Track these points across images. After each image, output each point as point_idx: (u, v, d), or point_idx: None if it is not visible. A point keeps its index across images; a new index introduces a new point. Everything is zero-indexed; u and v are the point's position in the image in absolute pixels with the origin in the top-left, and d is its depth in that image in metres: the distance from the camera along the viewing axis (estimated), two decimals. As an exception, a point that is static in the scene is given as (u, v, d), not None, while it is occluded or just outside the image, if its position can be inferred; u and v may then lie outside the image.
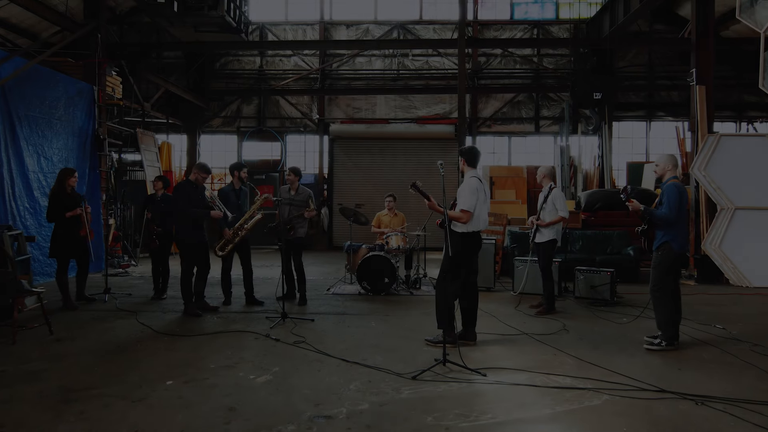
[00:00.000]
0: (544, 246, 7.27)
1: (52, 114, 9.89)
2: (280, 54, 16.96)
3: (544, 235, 7.27)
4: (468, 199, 5.44)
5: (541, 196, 7.42)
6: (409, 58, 16.71)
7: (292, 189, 7.86)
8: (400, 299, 8.19)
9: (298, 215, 7.69)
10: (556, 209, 7.27)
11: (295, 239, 7.77)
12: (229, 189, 7.65)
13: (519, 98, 16.66)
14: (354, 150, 16.66)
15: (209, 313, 7.09)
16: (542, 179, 7.42)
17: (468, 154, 5.75)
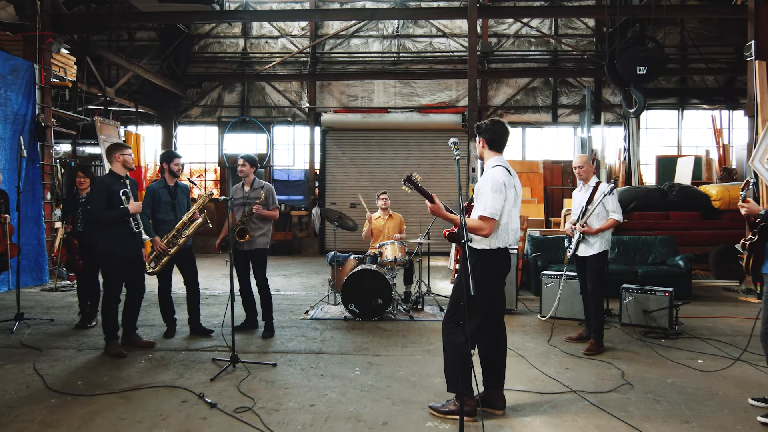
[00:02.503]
0: (594, 260, 5.45)
1: (-26, 95, 8.11)
2: (265, 35, 15.14)
3: (593, 245, 5.46)
4: (490, 201, 3.60)
5: (582, 195, 5.60)
6: (411, 39, 14.88)
7: (246, 184, 6.07)
8: (396, 327, 6.37)
9: (249, 216, 5.91)
10: (606, 211, 5.47)
11: (253, 251, 5.98)
12: (158, 186, 5.86)
13: (534, 84, 14.81)
14: (348, 142, 14.85)
15: (140, 351, 5.29)
16: (586, 172, 5.58)
17: (490, 131, 3.83)
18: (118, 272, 5.22)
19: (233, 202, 6.01)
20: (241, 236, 5.84)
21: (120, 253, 5.17)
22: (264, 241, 6.04)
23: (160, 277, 5.80)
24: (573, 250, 5.54)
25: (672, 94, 14.69)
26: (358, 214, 13.97)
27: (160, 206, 5.74)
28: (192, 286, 5.91)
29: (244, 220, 5.88)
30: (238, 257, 5.99)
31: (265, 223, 6.04)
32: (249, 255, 6.02)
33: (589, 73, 14.46)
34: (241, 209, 5.98)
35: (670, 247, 8.85)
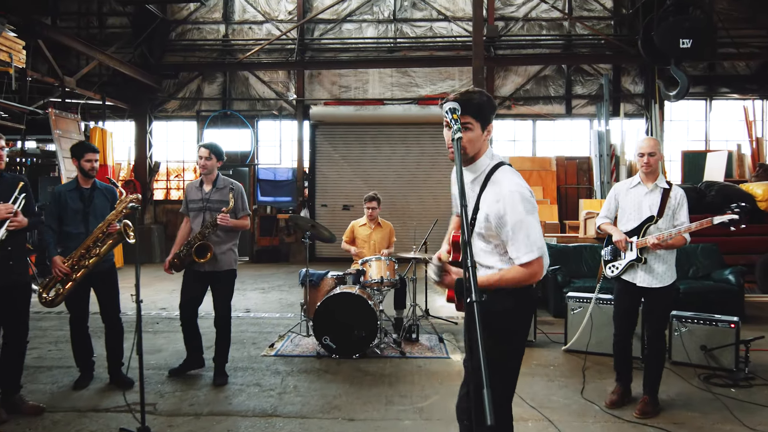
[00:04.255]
0: (662, 296, 4.00)
1: None
2: (249, 20, 13.72)
3: (661, 273, 3.99)
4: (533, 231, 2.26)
5: (648, 197, 4.04)
6: (409, 23, 13.45)
7: (206, 182, 4.65)
8: (382, 368, 4.96)
9: (213, 227, 4.45)
10: (674, 226, 4.01)
11: (218, 273, 4.56)
12: (66, 189, 4.48)
13: (546, 72, 13.36)
14: (340, 138, 13.43)
15: (24, 420, 3.89)
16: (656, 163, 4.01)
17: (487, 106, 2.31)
18: None
19: (188, 206, 4.60)
20: (201, 255, 4.40)
21: None
22: (231, 259, 4.61)
23: (71, 307, 4.43)
24: (620, 271, 4.09)
25: (699, 82, 13.19)
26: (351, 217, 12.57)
27: (68, 215, 4.37)
28: (110, 320, 4.53)
29: (205, 233, 4.43)
30: (194, 279, 4.57)
31: (232, 236, 4.63)
32: (210, 278, 4.59)
33: (606, 59, 13.00)
34: (200, 216, 4.55)
35: (714, 258, 7.43)
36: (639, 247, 3.96)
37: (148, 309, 7.38)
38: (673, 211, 3.98)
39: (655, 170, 4.03)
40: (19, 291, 3.97)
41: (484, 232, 2.31)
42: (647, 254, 3.97)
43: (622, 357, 4.18)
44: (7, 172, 4.07)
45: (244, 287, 9.42)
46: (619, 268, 4.06)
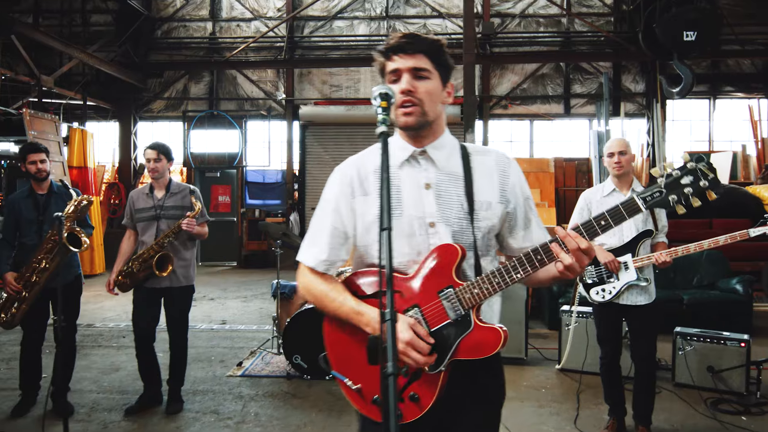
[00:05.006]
0: (649, 313, 3.57)
1: None
2: (237, 18, 13.29)
3: (646, 289, 3.56)
4: None
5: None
6: (402, 20, 13.01)
7: (157, 188, 4.18)
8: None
9: (174, 235, 3.97)
10: (655, 230, 3.59)
11: (174, 289, 4.06)
12: (20, 197, 4.05)
13: (544, 70, 12.90)
14: (331, 139, 12.98)
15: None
16: (628, 164, 3.57)
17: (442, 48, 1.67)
18: None
19: (135, 216, 4.13)
20: (162, 267, 3.92)
21: None
22: (188, 274, 4.11)
23: (25, 326, 3.99)
24: (614, 295, 3.61)
25: (702, 80, 12.72)
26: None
27: (23, 225, 3.93)
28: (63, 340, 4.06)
29: (163, 243, 3.93)
30: (147, 297, 4.05)
31: (190, 247, 4.16)
32: (166, 295, 4.07)
33: (606, 57, 12.56)
34: (153, 226, 4.05)
35: (720, 266, 6.99)
36: (638, 266, 3.50)
37: (117, 321, 6.94)
38: (657, 218, 3.55)
39: (628, 173, 3.59)
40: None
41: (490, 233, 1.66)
42: (643, 272, 3.52)
43: (611, 382, 3.72)
44: None
45: (226, 295, 8.99)
46: (613, 292, 3.54)
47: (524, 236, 1.72)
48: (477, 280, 1.53)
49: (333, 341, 1.70)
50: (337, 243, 1.67)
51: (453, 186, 1.64)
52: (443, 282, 1.55)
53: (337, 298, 1.62)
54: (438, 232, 1.59)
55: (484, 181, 1.66)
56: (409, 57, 1.61)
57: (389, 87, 1.47)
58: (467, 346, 1.52)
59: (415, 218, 1.61)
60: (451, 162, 1.67)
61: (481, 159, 1.69)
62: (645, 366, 3.56)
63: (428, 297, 1.56)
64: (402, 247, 1.59)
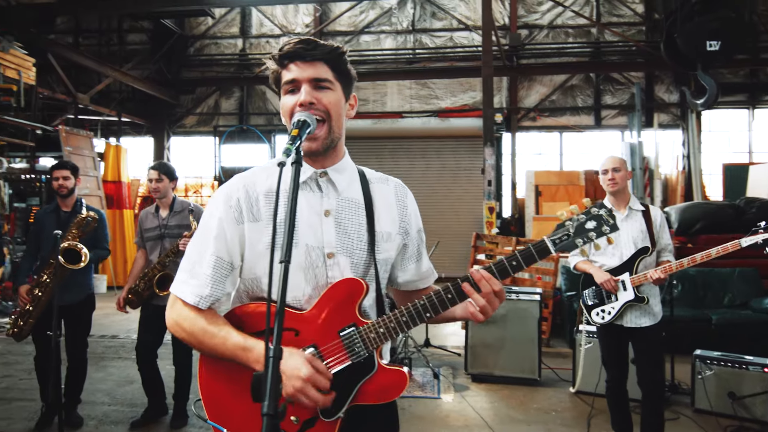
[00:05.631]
0: (653, 334, 3.43)
1: None
2: (266, 34, 13.55)
3: (650, 310, 3.43)
4: None
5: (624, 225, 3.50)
6: (429, 34, 13.02)
7: (162, 207, 4.25)
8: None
9: (174, 255, 4.04)
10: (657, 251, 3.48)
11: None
12: (45, 212, 4.21)
13: (573, 81, 12.68)
14: (358, 152, 12.94)
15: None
16: (622, 180, 3.48)
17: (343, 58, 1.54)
18: None
19: (144, 236, 4.23)
20: (163, 287, 3.99)
21: None
22: None
23: (37, 341, 4.08)
24: (613, 316, 3.48)
25: (740, 89, 12.28)
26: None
27: (44, 240, 4.05)
28: (71, 356, 4.14)
29: (165, 262, 4.01)
30: (153, 314, 4.09)
31: None
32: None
33: (638, 67, 12.25)
34: (158, 246, 4.13)
35: (753, 284, 6.70)
36: (636, 284, 3.37)
37: None
38: (657, 235, 3.41)
39: (624, 190, 3.51)
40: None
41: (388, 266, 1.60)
42: (642, 291, 3.39)
43: (618, 406, 3.58)
44: None
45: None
46: (612, 312, 3.44)
47: (415, 269, 1.67)
48: (383, 319, 1.43)
49: (210, 385, 1.48)
50: (222, 275, 1.46)
51: (354, 214, 1.53)
52: (345, 320, 1.44)
53: (218, 334, 1.39)
54: (338, 264, 1.48)
55: (384, 211, 1.57)
56: (308, 65, 1.45)
57: (310, 116, 1.39)
58: (370, 390, 1.43)
59: (312, 248, 1.47)
60: (352, 188, 1.56)
61: (380, 187, 1.62)
62: (652, 390, 3.40)
63: (328, 336, 1.43)
64: (298, 280, 1.46)
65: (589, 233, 1.46)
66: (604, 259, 3.51)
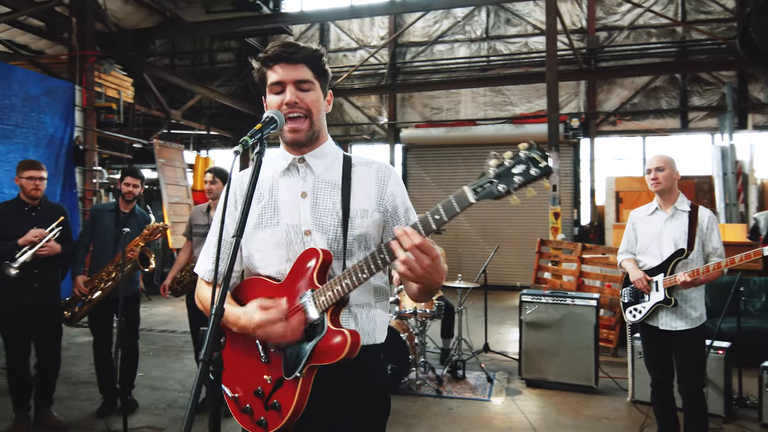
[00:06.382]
0: (693, 338, 3.31)
1: (0, 118, 7.67)
2: (343, 48, 14.05)
3: (691, 312, 3.32)
4: None
5: (666, 224, 3.39)
6: (503, 41, 12.95)
7: (213, 207, 4.55)
8: (410, 407, 4.57)
9: None
10: (706, 254, 3.35)
11: None
12: (104, 208, 4.66)
13: (656, 83, 12.12)
14: (431, 160, 13.21)
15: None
16: (667, 180, 3.38)
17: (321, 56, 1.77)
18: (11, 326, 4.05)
19: (192, 230, 4.62)
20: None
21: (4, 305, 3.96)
22: None
23: (94, 331, 4.55)
24: (643, 315, 3.41)
25: None
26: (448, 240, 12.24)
27: (99, 235, 4.51)
28: (126, 344, 4.56)
29: None
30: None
31: None
32: None
33: (729, 65, 11.51)
34: (203, 241, 4.51)
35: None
36: (667, 286, 3.28)
37: None
38: (703, 239, 3.28)
39: (670, 190, 3.40)
40: (45, 311, 4.12)
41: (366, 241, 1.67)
42: (677, 294, 3.28)
43: (662, 412, 3.47)
44: (50, 202, 4.36)
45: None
46: (642, 312, 3.40)
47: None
48: (330, 282, 1.53)
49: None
50: (225, 254, 1.63)
51: (329, 194, 1.67)
52: (306, 286, 1.57)
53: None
54: (314, 240, 1.62)
55: (361, 190, 1.68)
56: (292, 67, 1.62)
57: (278, 113, 1.57)
58: (323, 350, 1.52)
59: (291, 227, 1.64)
60: (330, 170, 1.70)
61: (362, 169, 1.73)
62: (692, 398, 3.26)
63: (293, 302, 1.57)
64: (280, 255, 1.64)
65: (515, 178, 1.32)
66: (647, 258, 3.47)
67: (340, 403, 1.62)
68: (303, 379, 1.53)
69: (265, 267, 1.67)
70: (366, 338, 1.63)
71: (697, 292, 3.36)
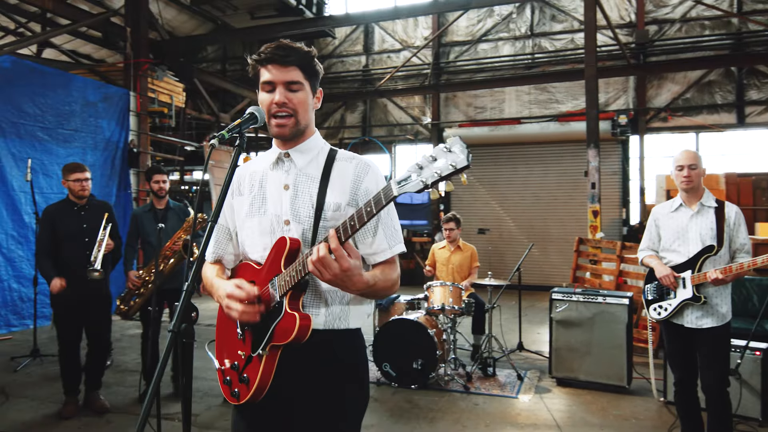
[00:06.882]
0: (719, 336, 3.25)
1: (61, 123, 8.20)
2: (387, 50, 14.20)
3: (716, 310, 3.25)
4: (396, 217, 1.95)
5: (692, 220, 3.34)
6: (548, 37, 12.76)
7: None
8: (436, 402, 4.63)
9: None
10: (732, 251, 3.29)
11: None
12: (142, 211, 4.96)
13: (710, 77, 11.65)
14: (475, 160, 12.55)
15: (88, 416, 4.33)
16: (697, 178, 3.35)
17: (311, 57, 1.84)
18: (61, 318, 4.38)
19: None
20: None
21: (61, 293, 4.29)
22: None
23: (144, 323, 4.83)
24: (669, 313, 3.34)
25: None
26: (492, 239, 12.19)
27: (144, 234, 4.82)
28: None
29: None
30: None
31: None
32: None
33: (791, 55, 10.95)
34: None
35: None
36: (696, 283, 3.21)
37: None
38: (730, 235, 3.19)
39: (698, 187, 3.32)
40: (96, 302, 4.44)
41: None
42: (704, 291, 3.21)
43: (686, 412, 3.41)
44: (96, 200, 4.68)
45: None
46: (668, 309, 3.33)
47: (371, 243, 1.76)
48: (288, 269, 1.63)
49: (217, 325, 1.89)
50: (224, 238, 1.89)
51: (308, 187, 1.76)
52: (274, 272, 1.69)
53: (208, 276, 1.86)
54: (291, 229, 1.73)
55: (337, 184, 1.76)
56: (283, 69, 1.72)
57: (260, 110, 1.69)
58: (278, 332, 1.62)
59: (274, 216, 1.76)
60: (312, 164, 1.80)
61: (342, 164, 1.81)
62: (717, 397, 3.19)
63: (263, 285, 1.70)
64: (265, 242, 1.76)
65: (434, 172, 1.34)
66: (671, 255, 3.41)
67: (305, 381, 1.72)
68: (266, 356, 1.64)
69: (253, 252, 1.81)
70: (336, 322, 1.74)
71: (725, 289, 3.30)
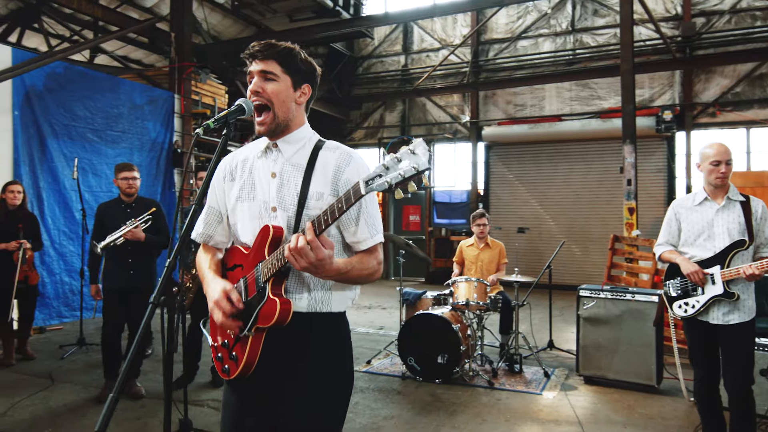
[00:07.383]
0: (743, 332, 3.17)
1: (110, 125, 8.63)
2: (426, 49, 14.23)
3: (742, 306, 3.18)
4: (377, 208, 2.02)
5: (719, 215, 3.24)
6: (590, 33, 12.51)
7: None
8: (459, 396, 4.66)
9: None
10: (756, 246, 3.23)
11: None
12: (181, 210, 5.17)
13: (762, 70, 11.16)
14: (514, 158, 13.04)
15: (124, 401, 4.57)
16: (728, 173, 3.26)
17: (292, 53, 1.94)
18: (109, 306, 4.63)
19: None
20: None
21: (107, 284, 4.55)
22: None
23: (193, 315, 5.06)
24: (697, 310, 3.25)
25: None
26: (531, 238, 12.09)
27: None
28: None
29: None
30: None
31: None
32: None
33: None
34: None
35: None
36: (726, 279, 3.12)
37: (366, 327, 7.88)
38: (757, 229, 3.10)
39: (725, 183, 3.21)
40: (137, 295, 4.69)
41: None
42: (735, 287, 3.13)
43: (708, 412, 3.33)
44: (145, 199, 4.94)
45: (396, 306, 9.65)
46: (696, 306, 3.23)
47: (354, 232, 1.82)
48: (271, 255, 1.71)
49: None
50: (213, 220, 1.98)
51: (294, 176, 1.83)
52: (259, 258, 1.77)
53: (203, 266, 1.95)
54: (277, 216, 1.81)
55: (320, 174, 1.83)
56: (261, 62, 1.83)
57: (248, 102, 1.78)
58: (262, 315, 1.71)
59: (262, 203, 1.84)
60: (299, 154, 1.87)
61: (326, 154, 1.87)
62: (741, 395, 3.11)
63: (249, 270, 1.79)
64: (253, 227, 1.84)
65: (399, 173, 1.38)
66: (695, 250, 3.31)
67: (290, 359, 1.81)
68: (252, 337, 1.75)
69: (243, 236, 1.90)
70: (318, 306, 1.82)
71: (750, 284, 3.21)
